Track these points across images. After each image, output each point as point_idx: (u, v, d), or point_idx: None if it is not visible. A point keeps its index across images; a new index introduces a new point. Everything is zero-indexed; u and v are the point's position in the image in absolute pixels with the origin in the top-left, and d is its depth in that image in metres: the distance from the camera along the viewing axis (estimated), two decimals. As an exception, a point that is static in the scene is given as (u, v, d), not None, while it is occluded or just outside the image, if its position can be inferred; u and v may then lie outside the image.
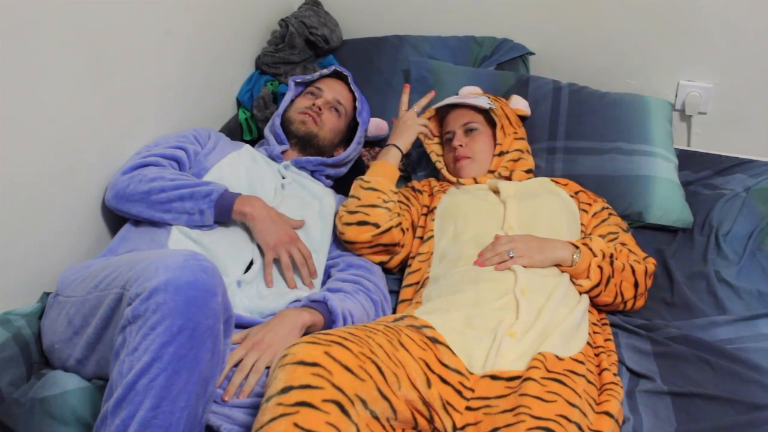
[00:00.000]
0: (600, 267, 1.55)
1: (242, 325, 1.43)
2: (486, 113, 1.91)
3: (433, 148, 1.96)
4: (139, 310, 1.10)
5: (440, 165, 1.92)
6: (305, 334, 1.43)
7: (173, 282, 1.10)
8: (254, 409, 1.23)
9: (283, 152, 1.87)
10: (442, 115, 1.98)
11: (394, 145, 1.84)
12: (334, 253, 1.73)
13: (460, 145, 1.84)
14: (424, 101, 1.95)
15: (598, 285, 1.56)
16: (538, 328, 1.40)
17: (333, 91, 1.95)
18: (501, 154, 1.86)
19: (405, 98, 1.94)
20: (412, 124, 1.88)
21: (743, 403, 1.34)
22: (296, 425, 1.07)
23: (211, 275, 1.15)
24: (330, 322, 1.48)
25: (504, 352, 1.35)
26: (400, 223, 1.71)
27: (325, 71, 2.00)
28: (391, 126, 1.95)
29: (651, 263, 1.66)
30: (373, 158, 2.11)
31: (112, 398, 1.08)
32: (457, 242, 1.65)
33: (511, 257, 1.54)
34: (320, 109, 1.89)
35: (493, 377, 1.32)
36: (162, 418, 1.07)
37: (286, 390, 1.10)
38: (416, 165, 2.09)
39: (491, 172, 1.85)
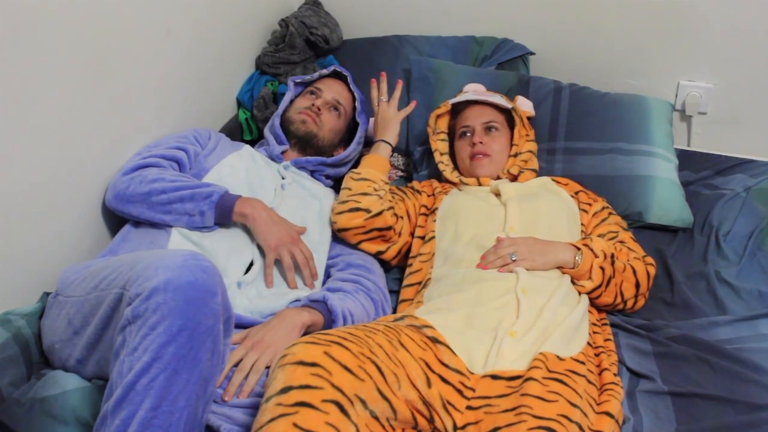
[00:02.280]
0: (602, 268, 1.55)
1: (242, 325, 1.43)
2: (503, 113, 1.90)
3: (438, 146, 1.93)
4: (139, 310, 1.10)
5: (442, 166, 1.90)
6: (305, 333, 1.43)
7: (173, 282, 1.10)
8: (254, 409, 1.23)
9: (282, 152, 1.87)
10: (457, 110, 1.95)
11: (383, 140, 1.87)
12: (334, 253, 1.73)
13: (480, 142, 1.82)
14: (385, 88, 1.95)
15: (599, 286, 1.56)
16: (539, 327, 1.40)
17: (332, 91, 1.95)
18: (516, 155, 1.85)
19: (374, 93, 1.96)
20: (392, 116, 1.92)
21: (743, 403, 1.34)
22: (296, 425, 1.07)
23: (211, 275, 1.15)
24: (330, 321, 1.48)
25: (504, 352, 1.35)
26: (392, 207, 1.71)
27: (325, 71, 2.00)
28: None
29: (651, 263, 1.67)
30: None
31: (112, 398, 1.08)
32: (458, 243, 1.65)
33: (514, 260, 1.53)
34: (320, 109, 1.88)
35: (494, 377, 1.32)
36: (162, 418, 1.07)
37: (285, 390, 1.10)
38: (418, 164, 2.08)
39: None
